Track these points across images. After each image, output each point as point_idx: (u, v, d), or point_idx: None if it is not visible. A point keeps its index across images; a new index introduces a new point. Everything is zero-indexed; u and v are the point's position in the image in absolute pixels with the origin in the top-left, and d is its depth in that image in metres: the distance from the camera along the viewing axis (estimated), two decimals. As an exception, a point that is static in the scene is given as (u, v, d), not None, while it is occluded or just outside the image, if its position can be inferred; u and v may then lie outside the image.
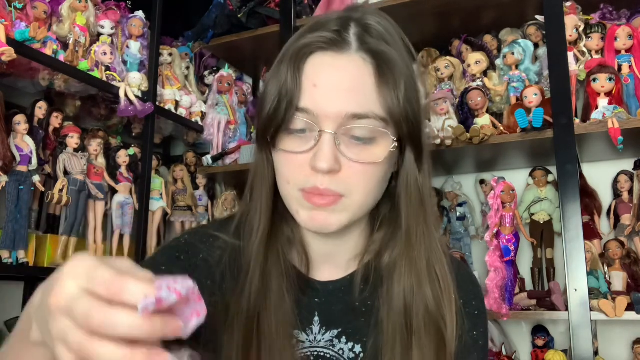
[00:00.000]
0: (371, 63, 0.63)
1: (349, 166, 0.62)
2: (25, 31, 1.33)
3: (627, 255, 1.45)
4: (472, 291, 0.73)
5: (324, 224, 0.64)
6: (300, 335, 0.70)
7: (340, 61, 0.63)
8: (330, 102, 0.62)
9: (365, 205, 0.66)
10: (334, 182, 0.62)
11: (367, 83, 0.62)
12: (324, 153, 0.61)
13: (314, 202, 0.63)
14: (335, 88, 0.62)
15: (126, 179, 1.66)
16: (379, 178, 0.65)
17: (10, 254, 1.32)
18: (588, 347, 1.27)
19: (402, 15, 1.69)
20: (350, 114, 0.61)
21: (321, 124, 0.62)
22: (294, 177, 0.64)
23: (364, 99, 0.62)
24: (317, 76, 0.63)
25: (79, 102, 1.70)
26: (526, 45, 1.60)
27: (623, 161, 1.61)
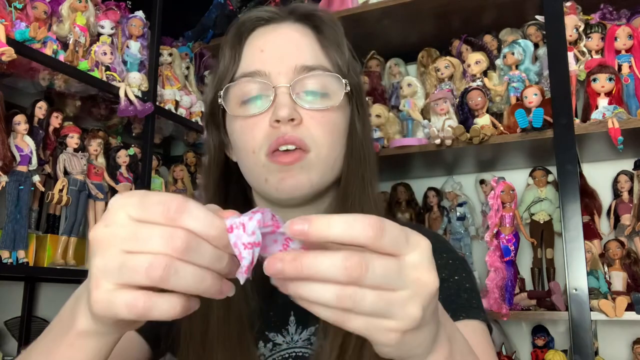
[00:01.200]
0: (310, 28, 0.69)
1: (310, 116, 0.65)
2: (25, 31, 1.33)
3: (627, 255, 1.45)
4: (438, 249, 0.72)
5: (296, 183, 0.64)
6: (277, 338, 0.68)
7: (282, 29, 0.69)
8: (280, 59, 0.66)
9: (331, 160, 0.67)
10: (299, 132, 0.64)
11: (311, 43, 0.68)
12: (282, 103, 0.63)
13: (280, 161, 0.64)
14: (282, 48, 0.67)
15: (126, 179, 1.66)
16: (339, 129, 0.67)
17: (10, 254, 1.32)
18: (588, 347, 1.27)
19: (402, 15, 1.70)
20: (301, 65, 0.65)
21: (274, 81, 0.65)
22: (257, 140, 0.65)
23: (311, 54, 0.67)
24: (263, 42, 0.68)
25: (79, 102, 1.70)
26: (526, 45, 1.60)
27: (623, 161, 1.61)
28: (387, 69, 1.90)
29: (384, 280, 0.35)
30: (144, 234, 0.35)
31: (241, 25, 0.70)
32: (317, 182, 0.66)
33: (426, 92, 1.74)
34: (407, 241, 0.36)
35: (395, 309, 0.35)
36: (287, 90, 0.64)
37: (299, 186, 0.65)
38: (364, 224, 0.34)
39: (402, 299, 0.35)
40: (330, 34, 0.69)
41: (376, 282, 0.35)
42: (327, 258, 0.34)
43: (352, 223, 0.34)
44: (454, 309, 0.66)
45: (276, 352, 0.68)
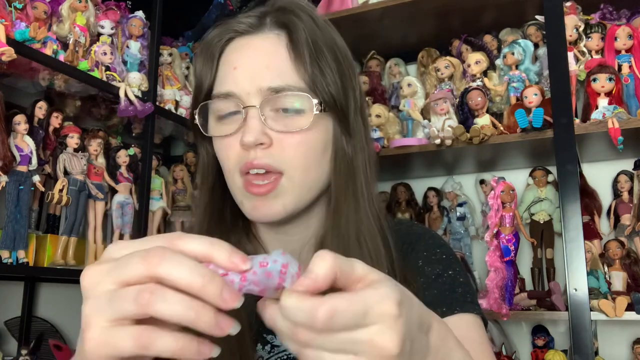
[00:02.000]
0: (284, 37, 0.65)
1: (280, 139, 0.63)
2: (25, 31, 1.33)
3: (627, 255, 1.45)
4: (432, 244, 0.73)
5: (268, 212, 0.64)
6: (275, 339, 0.68)
7: (256, 41, 0.66)
8: (251, 79, 0.63)
9: (307, 183, 0.65)
10: (269, 156, 0.62)
11: (282, 56, 0.64)
12: (249, 126, 0.62)
13: (252, 191, 0.63)
14: (252, 67, 0.64)
15: (126, 179, 1.66)
16: (314, 149, 0.65)
17: (10, 254, 1.32)
18: (588, 347, 1.27)
19: (402, 15, 1.70)
20: (269, 87, 0.62)
21: (245, 102, 0.63)
22: (231, 161, 0.64)
23: (279, 73, 0.63)
24: (236, 59, 0.65)
25: (79, 102, 1.70)
26: (526, 45, 1.60)
27: (623, 161, 1.61)
28: (387, 69, 1.90)
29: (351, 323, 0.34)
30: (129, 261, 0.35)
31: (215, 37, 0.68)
32: (292, 208, 0.65)
33: (426, 92, 1.74)
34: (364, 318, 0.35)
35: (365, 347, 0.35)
36: (257, 113, 0.62)
37: (272, 214, 0.64)
38: (315, 315, 0.33)
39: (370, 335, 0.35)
40: (306, 43, 0.64)
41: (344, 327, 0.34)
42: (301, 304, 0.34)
43: (307, 315, 0.34)
44: (449, 303, 0.67)
45: (274, 354, 0.68)
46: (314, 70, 0.63)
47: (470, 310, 0.67)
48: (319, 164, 0.66)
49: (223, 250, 0.36)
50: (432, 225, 1.79)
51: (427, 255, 0.71)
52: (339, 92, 0.66)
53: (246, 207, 0.65)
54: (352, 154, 0.67)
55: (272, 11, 0.68)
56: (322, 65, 0.64)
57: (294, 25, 0.65)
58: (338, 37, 0.70)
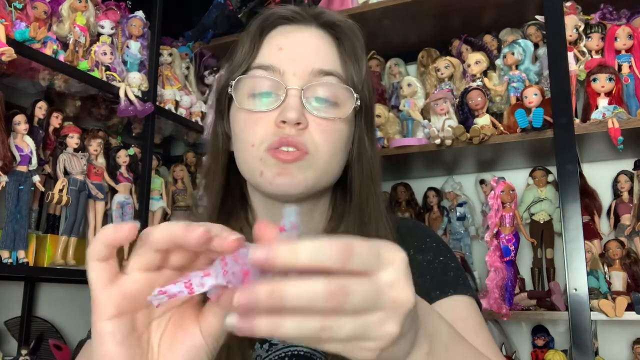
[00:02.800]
0: (332, 35, 0.69)
1: (316, 123, 0.65)
2: (25, 31, 1.33)
3: (627, 255, 1.45)
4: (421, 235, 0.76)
5: (290, 180, 0.64)
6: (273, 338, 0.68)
7: (303, 32, 0.69)
8: (297, 60, 0.66)
9: (329, 166, 0.67)
10: (302, 135, 0.64)
11: (329, 49, 0.68)
12: (291, 105, 0.63)
13: (279, 157, 0.64)
14: (301, 49, 0.67)
15: (126, 179, 1.66)
16: (343, 139, 0.68)
17: (10, 254, 1.32)
18: (588, 347, 1.27)
19: (402, 15, 1.70)
20: (317, 69, 0.65)
21: (287, 82, 0.65)
22: (260, 136, 0.65)
23: (328, 60, 0.67)
24: (283, 41, 0.68)
25: (79, 102, 1.70)
26: (526, 45, 1.60)
27: (623, 161, 1.61)
28: (387, 69, 1.90)
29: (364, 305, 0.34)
30: None
31: (264, 20, 0.71)
32: (312, 184, 0.66)
33: (426, 92, 1.74)
34: (378, 259, 0.35)
35: (372, 331, 0.35)
36: (299, 94, 0.64)
37: (294, 184, 0.65)
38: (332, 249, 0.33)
39: (379, 320, 0.35)
40: (351, 47, 0.70)
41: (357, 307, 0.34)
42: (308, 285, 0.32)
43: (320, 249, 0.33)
44: (442, 287, 0.69)
45: (272, 352, 0.68)
46: (356, 69, 0.68)
47: (463, 292, 0.69)
48: (342, 153, 0.69)
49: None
50: (432, 225, 1.79)
51: (417, 245, 0.73)
52: (370, 94, 0.71)
53: (267, 176, 0.65)
54: (372, 154, 0.72)
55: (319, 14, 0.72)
56: (361, 67, 0.69)
57: (339, 27, 0.70)
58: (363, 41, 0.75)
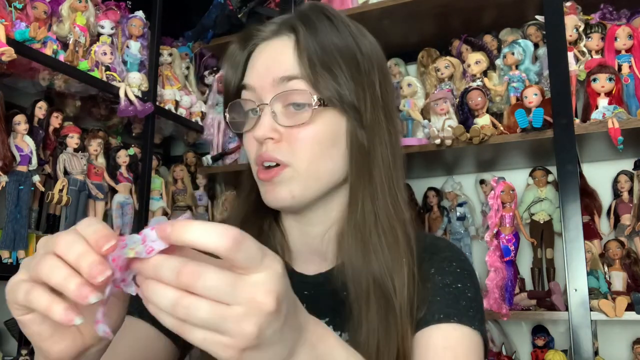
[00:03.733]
0: (294, 38, 0.70)
1: (288, 134, 0.68)
2: (25, 31, 1.33)
3: (627, 255, 1.45)
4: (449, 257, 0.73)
5: (276, 196, 0.69)
6: None
7: (272, 44, 0.72)
8: (263, 74, 0.70)
9: (315, 172, 0.68)
10: (277, 150, 0.68)
11: (288, 53, 0.69)
12: (259, 123, 0.68)
13: (261, 177, 0.69)
14: (266, 63, 0.71)
15: (126, 179, 1.66)
16: (320, 142, 0.68)
17: (10, 254, 1.32)
18: (588, 347, 1.27)
19: (402, 15, 1.70)
20: (278, 78, 0.68)
21: (260, 97, 0.69)
22: (251, 153, 0.71)
23: (287, 65, 0.69)
24: (255, 60, 0.73)
25: (79, 102, 1.70)
26: (526, 45, 1.60)
27: (623, 161, 1.61)
28: (387, 69, 1.90)
29: (215, 292, 0.37)
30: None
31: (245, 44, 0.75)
32: (299, 194, 0.68)
33: (426, 92, 1.74)
34: (261, 261, 0.38)
35: (229, 324, 0.37)
36: (268, 109, 0.68)
37: (280, 199, 0.69)
38: (221, 234, 0.37)
39: (236, 315, 0.37)
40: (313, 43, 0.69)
41: (208, 293, 0.37)
42: (167, 261, 0.37)
43: (209, 231, 0.37)
44: (448, 312, 0.66)
45: None
46: (315, 68, 0.67)
47: (468, 323, 0.66)
48: (328, 155, 0.69)
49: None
50: (432, 225, 1.79)
51: (441, 266, 0.71)
52: (349, 88, 0.69)
53: (261, 192, 0.71)
54: (370, 146, 0.70)
55: (290, 17, 0.73)
56: (329, 63, 0.68)
57: (300, 28, 0.70)
58: (359, 33, 0.75)
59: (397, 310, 0.65)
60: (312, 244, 0.75)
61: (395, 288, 0.65)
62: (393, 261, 0.67)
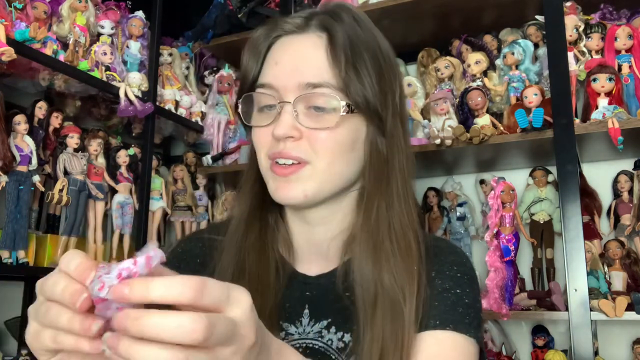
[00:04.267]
0: (325, 38, 0.69)
1: (309, 133, 0.67)
2: (25, 31, 1.33)
3: (627, 255, 1.45)
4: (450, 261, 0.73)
5: (288, 193, 0.68)
6: (290, 328, 0.71)
7: (299, 40, 0.70)
8: (289, 75, 0.68)
9: (331, 174, 0.68)
10: (297, 148, 0.67)
11: (320, 57, 0.68)
12: (281, 120, 0.67)
13: (276, 171, 0.68)
14: (293, 63, 0.69)
15: (126, 179, 1.66)
16: (342, 145, 0.68)
17: (10, 254, 1.32)
18: (588, 347, 1.27)
19: (402, 15, 1.70)
20: (306, 83, 0.66)
21: (282, 96, 0.68)
22: (262, 146, 0.70)
23: (318, 70, 0.67)
24: (279, 56, 0.70)
25: (79, 102, 1.70)
26: (526, 45, 1.60)
27: (623, 161, 1.61)
28: (387, 69, 1.90)
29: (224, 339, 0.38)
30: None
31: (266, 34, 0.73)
32: (312, 193, 0.68)
33: (426, 92, 1.74)
34: (228, 298, 0.39)
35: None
36: (290, 108, 0.67)
37: (292, 196, 0.68)
38: (183, 286, 0.36)
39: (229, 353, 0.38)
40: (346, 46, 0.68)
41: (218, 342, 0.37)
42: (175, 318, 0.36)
43: (171, 286, 0.36)
44: (444, 319, 0.66)
45: (287, 342, 0.69)
46: (348, 73, 0.67)
47: (463, 331, 0.66)
48: (346, 159, 0.69)
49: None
50: (432, 225, 1.79)
51: (441, 269, 0.71)
52: (375, 95, 0.68)
53: (271, 187, 0.70)
54: (389, 154, 0.71)
55: (318, 13, 0.72)
56: (359, 68, 0.68)
57: (334, 28, 0.69)
58: (382, 40, 0.73)
59: (406, 320, 0.64)
60: (315, 244, 0.75)
61: (405, 297, 0.65)
62: (404, 270, 0.66)
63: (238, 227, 0.73)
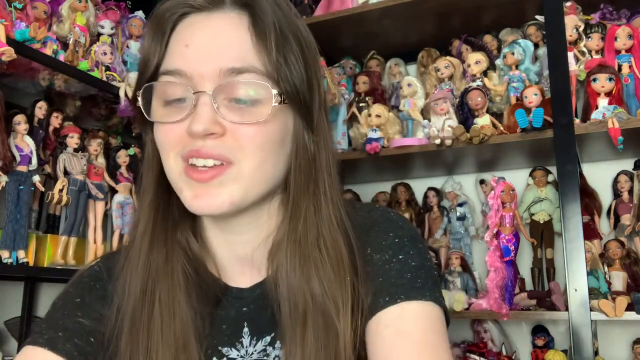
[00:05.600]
0: (246, 17, 0.59)
1: (234, 129, 0.57)
2: (25, 31, 1.33)
3: (627, 255, 1.45)
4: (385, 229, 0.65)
5: (212, 202, 0.57)
6: (231, 352, 0.64)
7: (214, 19, 0.59)
8: (205, 59, 0.57)
9: (259, 175, 0.59)
10: (221, 145, 0.57)
11: (243, 38, 0.58)
12: (199, 113, 0.56)
13: (193, 177, 0.57)
14: (209, 45, 0.57)
15: (126, 179, 1.66)
16: (271, 142, 0.58)
17: (10, 254, 1.32)
18: (588, 347, 1.27)
19: (402, 15, 1.70)
20: (227, 68, 0.56)
21: (196, 85, 0.57)
22: (172, 145, 0.58)
23: (240, 54, 0.57)
24: (189, 37, 0.58)
25: (79, 102, 1.70)
26: (526, 45, 1.60)
27: (623, 161, 1.61)
28: (387, 69, 1.90)
29: None
30: None
31: (168, 10, 0.60)
32: (239, 199, 0.58)
33: (426, 92, 1.74)
34: None
35: None
36: (208, 99, 0.56)
37: (215, 205, 0.57)
38: None
39: None
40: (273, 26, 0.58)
41: None
42: None
43: None
44: (393, 292, 0.59)
45: None
46: (277, 58, 0.57)
47: (417, 297, 0.59)
48: (275, 157, 0.60)
49: None
50: (432, 226, 1.79)
51: (377, 241, 0.64)
52: (303, 84, 0.60)
53: (186, 196, 0.58)
54: (315, 151, 0.62)
55: None
56: (286, 53, 0.58)
57: (258, 6, 0.59)
58: (302, 24, 0.64)
59: (340, 336, 0.57)
60: (241, 254, 0.66)
61: (339, 310, 0.57)
62: (336, 280, 0.59)
63: (140, 251, 0.62)
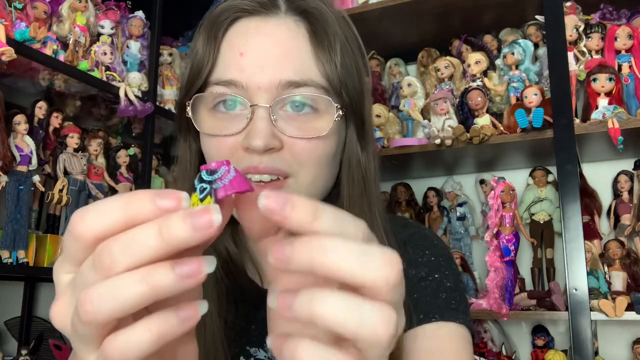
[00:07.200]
0: (304, 25, 0.56)
1: (292, 143, 0.54)
2: (25, 31, 1.33)
3: (627, 255, 1.45)
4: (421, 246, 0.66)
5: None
6: (258, 353, 0.64)
7: (269, 25, 0.55)
8: (262, 69, 0.53)
9: (315, 187, 0.58)
10: (279, 160, 0.54)
11: (302, 47, 0.55)
12: (257, 128, 0.52)
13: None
14: (266, 54, 0.54)
15: (126, 179, 1.66)
16: (328, 156, 0.57)
17: (10, 254, 1.32)
18: (588, 347, 1.27)
19: (402, 15, 1.70)
20: (286, 81, 0.53)
21: (253, 97, 0.54)
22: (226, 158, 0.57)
23: (300, 65, 0.54)
24: (244, 44, 0.55)
25: (79, 102, 1.70)
26: (526, 45, 1.60)
27: (623, 161, 1.61)
28: (387, 69, 1.90)
29: (400, 298, 0.29)
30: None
31: (219, 15, 0.57)
32: None
33: (426, 92, 1.74)
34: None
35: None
36: (266, 113, 0.53)
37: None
38: (355, 224, 0.30)
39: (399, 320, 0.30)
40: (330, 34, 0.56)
41: (399, 299, 0.29)
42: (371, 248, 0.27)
43: (343, 219, 0.29)
44: (427, 310, 0.60)
45: None
46: (339, 70, 0.55)
47: (451, 318, 0.60)
48: (329, 169, 0.59)
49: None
50: (432, 226, 1.79)
51: (413, 258, 0.64)
52: (360, 95, 0.58)
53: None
54: (366, 163, 0.61)
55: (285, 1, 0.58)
56: (346, 65, 0.56)
57: (315, 12, 0.56)
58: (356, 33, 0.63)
59: None
60: None
61: None
62: None
63: None
